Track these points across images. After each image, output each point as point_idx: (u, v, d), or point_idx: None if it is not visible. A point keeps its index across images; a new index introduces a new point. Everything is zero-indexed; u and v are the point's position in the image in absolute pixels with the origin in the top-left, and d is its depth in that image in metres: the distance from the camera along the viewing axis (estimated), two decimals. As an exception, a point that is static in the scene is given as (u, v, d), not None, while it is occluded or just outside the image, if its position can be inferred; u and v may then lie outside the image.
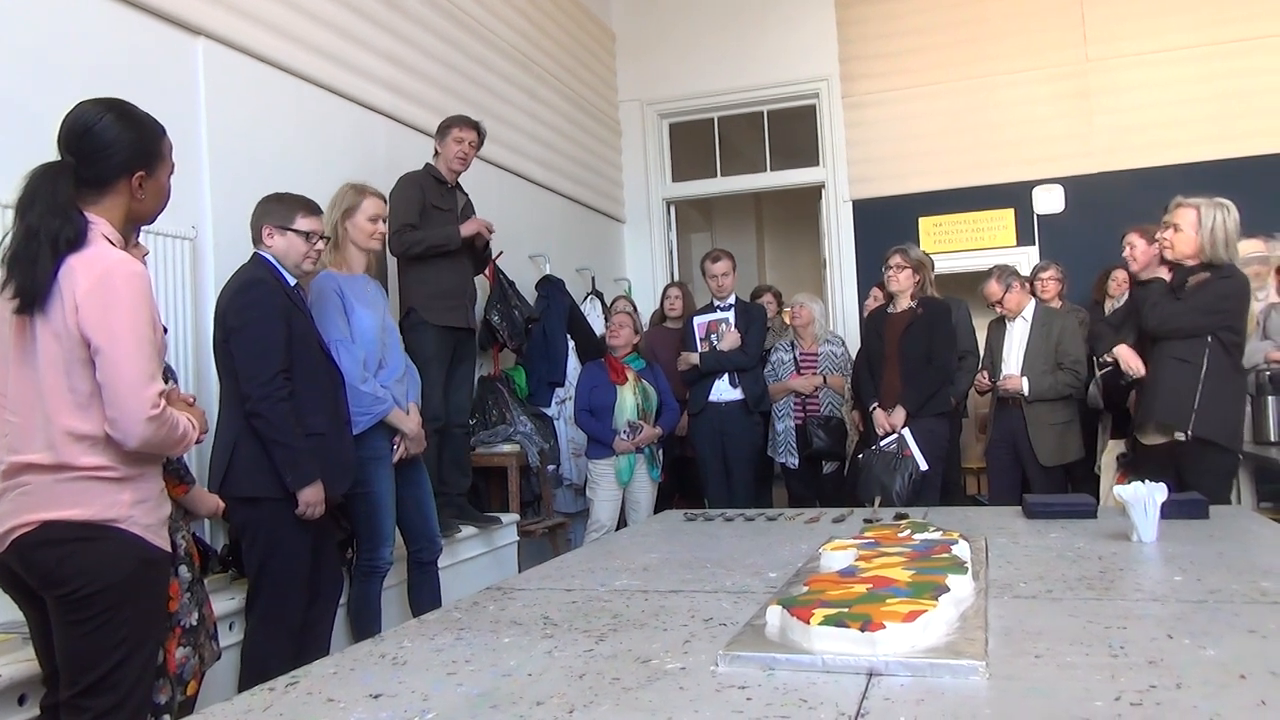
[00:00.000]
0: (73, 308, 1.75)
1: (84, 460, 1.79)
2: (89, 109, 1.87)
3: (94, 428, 1.79)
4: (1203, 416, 3.29)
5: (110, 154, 1.84)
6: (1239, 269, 3.43)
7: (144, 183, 1.89)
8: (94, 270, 1.76)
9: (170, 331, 3.21)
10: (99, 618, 1.79)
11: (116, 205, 1.87)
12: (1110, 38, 6.50)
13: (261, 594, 2.74)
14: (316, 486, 2.70)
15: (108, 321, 1.75)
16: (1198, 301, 3.31)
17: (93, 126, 1.84)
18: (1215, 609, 1.56)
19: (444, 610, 1.87)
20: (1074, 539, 2.27)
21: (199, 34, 3.44)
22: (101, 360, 1.76)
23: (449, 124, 4.07)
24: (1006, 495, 4.47)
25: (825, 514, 2.87)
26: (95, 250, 1.79)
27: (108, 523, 1.81)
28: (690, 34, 7.32)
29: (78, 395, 1.78)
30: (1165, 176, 5.98)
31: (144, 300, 1.82)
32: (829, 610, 1.40)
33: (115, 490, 1.82)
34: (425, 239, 3.89)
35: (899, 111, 6.91)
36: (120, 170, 1.86)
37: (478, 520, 4.24)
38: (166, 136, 1.96)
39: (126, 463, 1.83)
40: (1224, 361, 3.32)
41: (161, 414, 1.80)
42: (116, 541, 1.82)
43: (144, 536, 1.86)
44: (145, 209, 1.94)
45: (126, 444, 1.79)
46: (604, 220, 7.16)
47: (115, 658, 1.81)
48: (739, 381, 4.91)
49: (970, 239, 6.75)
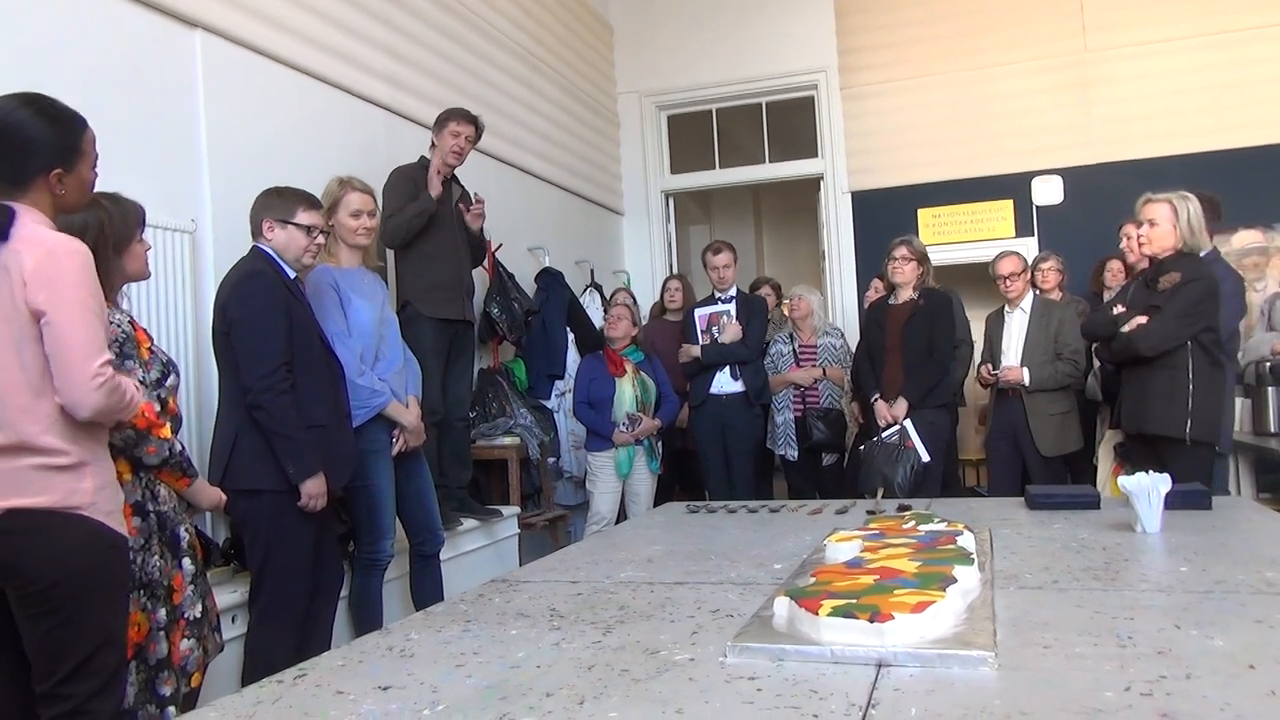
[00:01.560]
0: (20, 284, 1.78)
1: (42, 440, 1.80)
2: (6, 104, 1.87)
3: (48, 405, 1.81)
4: (1197, 421, 3.36)
5: (27, 152, 1.85)
6: (1204, 264, 3.50)
7: (63, 179, 1.89)
8: (39, 248, 1.79)
9: (170, 324, 3.22)
10: (69, 606, 1.80)
11: (39, 201, 1.88)
12: (1108, 28, 6.49)
13: (264, 587, 2.73)
14: (319, 479, 2.70)
15: (55, 293, 1.78)
16: (1175, 310, 3.37)
17: (8, 124, 1.84)
18: (1222, 599, 1.56)
19: (450, 602, 1.87)
20: (1077, 530, 2.27)
21: (196, 26, 3.42)
22: (49, 331, 1.79)
23: (447, 116, 4.03)
24: (1007, 486, 4.47)
25: (828, 505, 2.87)
26: (36, 231, 1.82)
27: (71, 510, 1.82)
28: (688, 26, 7.30)
29: (29, 374, 1.80)
30: (1164, 167, 5.98)
31: (88, 274, 1.84)
32: (837, 601, 1.40)
33: (75, 478, 1.84)
34: (400, 216, 3.81)
35: (898, 103, 6.89)
36: (37, 169, 1.86)
37: (479, 513, 4.24)
38: (88, 130, 1.95)
39: (80, 443, 1.85)
40: (1205, 362, 3.40)
41: (109, 380, 1.83)
42: (80, 529, 1.83)
43: (105, 522, 1.88)
44: (68, 201, 1.94)
45: (78, 413, 1.81)
46: (603, 212, 7.15)
47: (91, 644, 1.82)
48: (740, 374, 4.90)
49: (969, 230, 6.74)
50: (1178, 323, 3.36)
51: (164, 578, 2.27)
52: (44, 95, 1.93)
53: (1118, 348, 3.56)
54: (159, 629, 2.23)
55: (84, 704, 1.80)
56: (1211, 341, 3.42)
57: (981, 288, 6.36)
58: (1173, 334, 3.37)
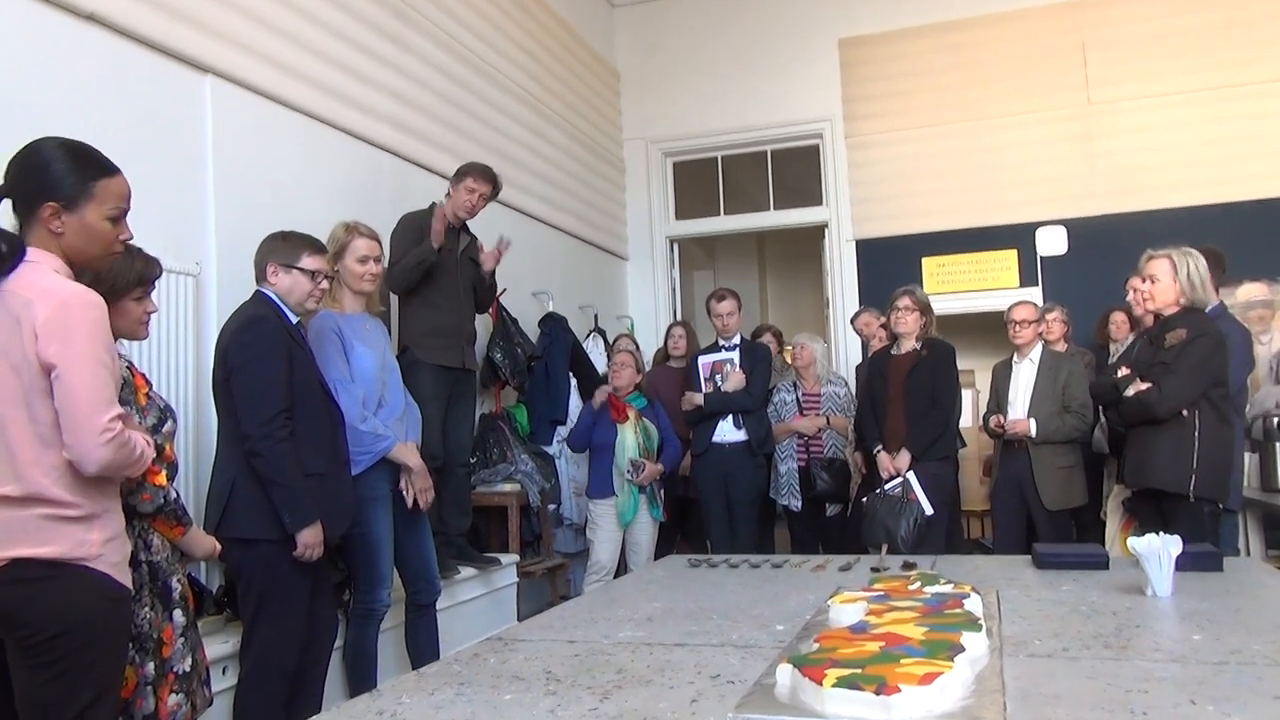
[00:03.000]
0: (31, 337, 1.76)
1: (52, 492, 1.78)
2: (40, 141, 1.87)
3: (57, 458, 1.79)
4: (1202, 478, 3.33)
5: (31, 183, 1.84)
6: (1209, 320, 3.49)
7: (59, 215, 1.84)
8: (52, 300, 1.78)
9: (171, 368, 3.20)
10: (67, 659, 1.77)
11: (42, 238, 1.84)
12: (1111, 81, 6.54)
13: (256, 638, 2.69)
14: (316, 528, 2.66)
15: (66, 346, 1.76)
16: (1184, 370, 3.35)
17: (30, 157, 1.85)
18: (1238, 671, 1.52)
19: (443, 663, 1.83)
20: (1087, 592, 2.22)
21: (208, 72, 3.45)
22: (59, 385, 1.77)
23: (466, 170, 4.02)
24: (1012, 539, 4.42)
25: (831, 561, 2.82)
26: (52, 281, 1.80)
27: (77, 561, 1.80)
28: (694, 73, 7.38)
29: (39, 426, 1.78)
30: (1168, 219, 6.00)
31: (101, 328, 1.82)
32: (841, 671, 1.36)
33: (84, 529, 1.81)
34: (402, 264, 3.81)
35: (902, 152, 6.93)
36: (31, 200, 1.84)
37: (477, 561, 4.19)
38: (109, 180, 1.89)
39: (91, 496, 1.83)
40: (1213, 418, 3.37)
41: (118, 436, 1.80)
42: (84, 580, 1.80)
43: (111, 574, 1.85)
44: (72, 246, 1.86)
45: (85, 468, 1.79)
46: (607, 257, 7.17)
47: (85, 699, 1.78)
48: (743, 423, 4.87)
49: (974, 280, 6.74)
50: (1188, 382, 3.34)
51: (154, 630, 2.23)
52: (79, 141, 1.92)
53: (1127, 411, 3.53)
54: (146, 684, 2.18)
55: None
56: (1221, 397, 3.40)
57: (985, 337, 6.36)
58: (1185, 395, 3.35)
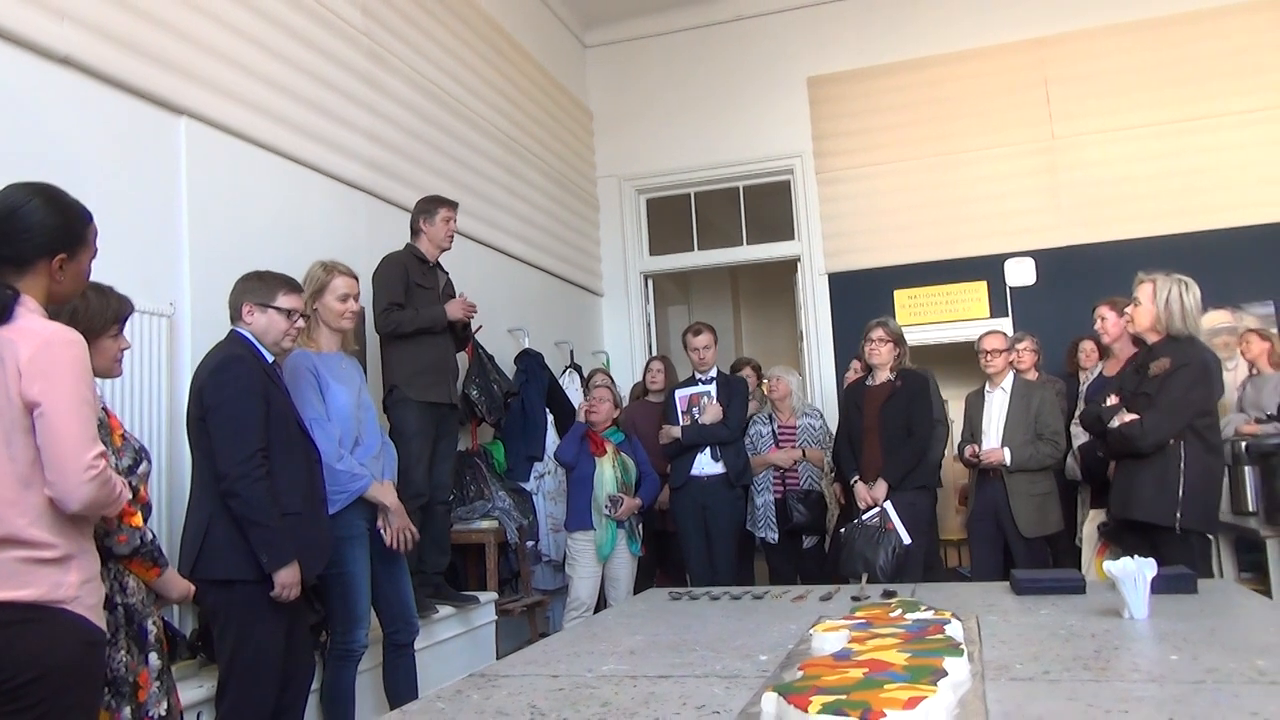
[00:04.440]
0: (15, 375, 1.76)
1: (28, 533, 1.76)
2: (16, 191, 1.89)
3: (36, 497, 1.78)
4: (1188, 510, 3.30)
5: (31, 236, 1.86)
6: (1198, 345, 3.47)
7: (64, 265, 1.90)
8: (35, 339, 1.78)
9: (145, 408, 3.17)
10: (44, 704, 1.73)
11: (35, 286, 1.87)
12: (1074, 116, 6.69)
13: (232, 681, 2.64)
14: (293, 568, 2.63)
15: (50, 384, 1.76)
16: (1168, 402, 3.33)
17: (18, 209, 1.86)
18: (1215, 690, 1.54)
19: (426, 700, 1.81)
20: (1065, 616, 2.25)
21: (181, 113, 3.46)
22: (42, 423, 1.76)
23: (436, 203, 4.10)
24: (990, 567, 4.44)
25: (812, 592, 2.83)
26: (33, 321, 1.81)
27: (54, 604, 1.77)
28: (666, 111, 7.47)
29: (18, 465, 1.77)
30: (1132, 249, 6.12)
31: (83, 367, 1.83)
32: (826, 697, 1.37)
33: (60, 571, 1.79)
34: (414, 320, 3.89)
35: (872, 187, 7.04)
36: (40, 251, 1.87)
37: (455, 600, 4.15)
38: (92, 223, 1.98)
39: (68, 536, 1.81)
40: (1199, 448, 3.35)
41: (101, 474, 1.80)
42: (61, 624, 1.78)
43: (88, 617, 1.83)
44: (63, 290, 1.94)
45: (68, 506, 1.77)
46: (582, 294, 7.20)
47: None
48: (721, 455, 4.88)
49: (945, 311, 6.83)
50: (1171, 416, 3.32)
51: (130, 674, 2.19)
52: (53, 186, 1.95)
53: (1113, 442, 3.51)
54: (122, 729, 2.15)
55: None
56: (1207, 427, 3.37)
57: (958, 368, 6.43)
58: (1168, 430, 3.32)
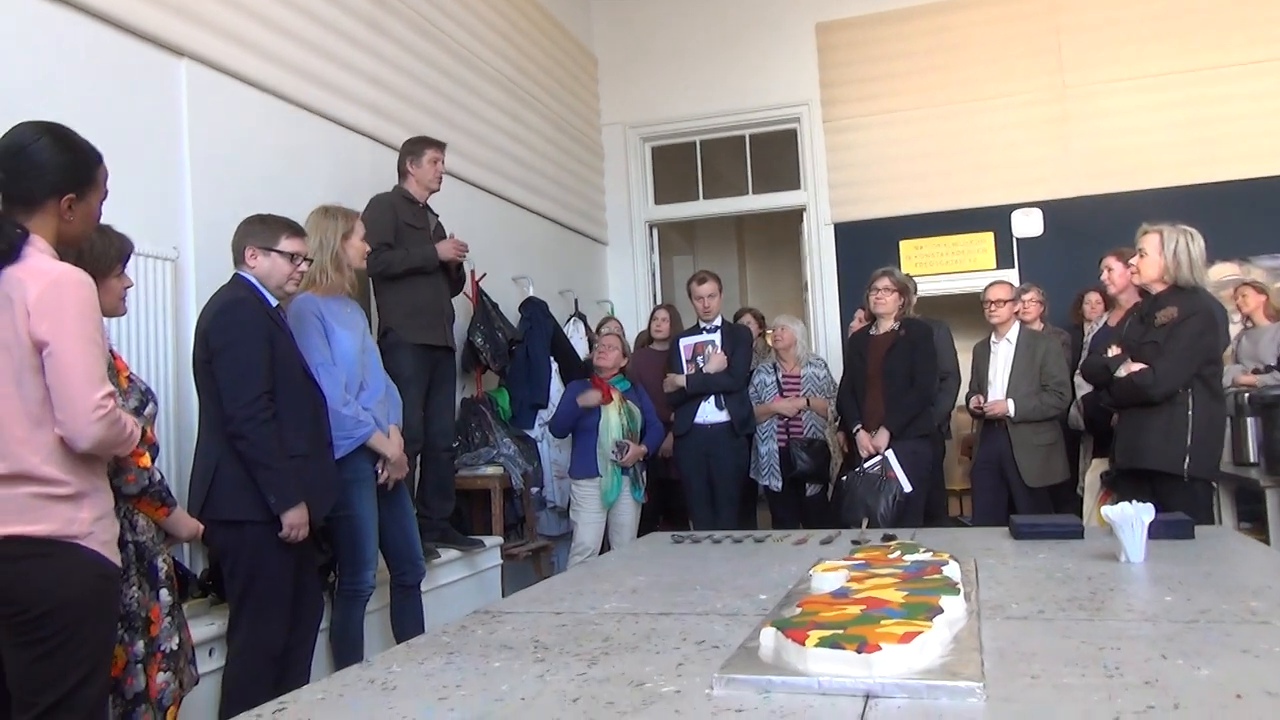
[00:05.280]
0: (24, 314, 1.77)
1: (41, 470, 1.79)
2: (26, 130, 1.90)
3: (48, 435, 1.80)
4: (1195, 458, 3.30)
5: (41, 175, 1.86)
6: (1204, 294, 3.47)
7: (73, 205, 1.91)
8: (44, 279, 1.79)
9: (150, 352, 3.19)
10: (58, 636, 1.78)
11: (45, 225, 1.88)
12: (1086, 65, 6.60)
13: (243, 619, 2.69)
14: (301, 509, 2.67)
15: (58, 324, 1.78)
16: (1177, 350, 3.33)
17: (27, 147, 1.87)
18: (1207, 629, 1.56)
19: (432, 634, 1.85)
20: (1062, 560, 2.27)
21: (183, 55, 3.42)
22: (51, 362, 1.78)
23: (424, 145, 4.08)
24: (991, 516, 4.48)
25: (813, 535, 2.86)
26: (41, 261, 1.82)
27: (69, 538, 1.81)
28: (672, 58, 7.38)
29: (29, 404, 1.79)
30: (1141, 201, 6.07)
31: (92, 307, 1.84)
32: (824, 632, 1.39)
33: (73, 508, 1.82)
34: (405, 260, 3.86)
35: (879, 136, 6.97)
36: (50, 191, 1.88)
37: (461, 544, 4.20)
38: (102, 164, 1.98)
39: (80, 474, 1.84)
40: (1206, 396, 3.35)
41: (110, 413, 1.82)
42: (75, 558, 1.81)
43: (102, 553, 1.86)
44: (73, 231, 1.95)
45: (77, 444, 1.80)
46: (587, 242, 7.17)
47: (77, 675, 1.79)
48: (725, 403, 4.90)
49: (950, 262, 6.80)
50: (1182, 364, 3.32)
51: (142, 609, 2.24)
52: (62, 125, 1.94)
53: (1119, 393, 3.50)
54: (136, 662, 2.20)
55: None
56: (1213, 375, 3.37)
57: (963, 318, 6.41)
58: (1179, 377, 3.32)
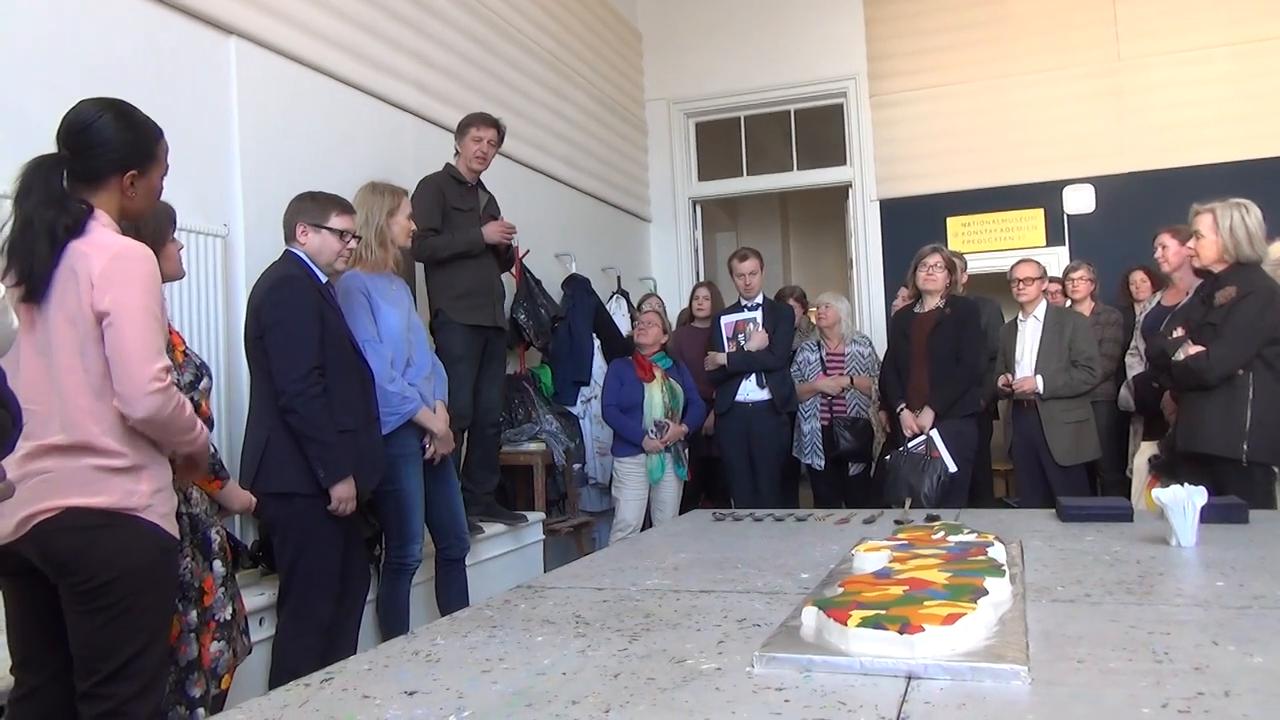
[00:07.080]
0: (88, 286, 1.81)
1: (101, 441, 1.83)
2: (89, 107, 1.92)
3: (108, 408, 1.84)
4: (1255, 442, 3.18)
5: (105, 151, 1.89)
6: (1263, 273, 3.35)
7: (135, 181, 1.93)
8: (107, 252, 1.83)
9: (202, 328, 3.25)
10: (120, 605, 1.82)
11: (109, 201, 1.91)
12: (1142, 36, 6.42)
13: (292, 590, 2.75)
14: (349, 483, 2.72)
15: (119, 296, 1.81)
16: (1235, 331, 3.22)
17: (91, 124, 1.89)
18: (1260, 615, 1.53)
19: (476, 608, 1.87)
20: (1110, 543, 2.24)
21: (231, 33, 3.46)
22: (111, 333, 1.81)
23: (468, 122, 4.05)
24: (1034, 496, 4.42)
25: (855, 515, 2.85)
26: (105, 236, 1.86)
27: (128, 511, 1.85)
28: (717, 33, 7.30)
29: (91, 375, 1.83)
30: (1197, 177, 5.91)
31: (153, 279, 1.87)
32: (866, 612, 1.39)
33: (133, 480, 1.86)
34: (449, 245, 3.87)
35: (927, 110, 6.86)
36: (113, 167, 1.91)
37: (505, 518, 4.25)
38: (163, 140, 2.01)
39: (137, 447, 1.87)
40: (1268, 377, 3.23)
41: (166, 388, 1.85)
42: (135, 530, 1.85)
43: (161, 525, 1.90)
44: (135, 207, 1.98)
45: (133, 412, 1.83)
46: (630, 219, 7.16)
47: (137, 644, 1.83)
48: (766, 382, 4.88)
49: (999, 239, 6.69)
50: (1238, 346, 3.21)
51: (195, 580, 2.29)
52: (124, 101, 1.97)
53: (1179, 376, 3.40)
54: (190, 631, 2.26)
55: (124, 705, 1.81)
56: (1276, 355, 3.25)
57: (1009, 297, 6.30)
58: (1235, 360, 3.21)
